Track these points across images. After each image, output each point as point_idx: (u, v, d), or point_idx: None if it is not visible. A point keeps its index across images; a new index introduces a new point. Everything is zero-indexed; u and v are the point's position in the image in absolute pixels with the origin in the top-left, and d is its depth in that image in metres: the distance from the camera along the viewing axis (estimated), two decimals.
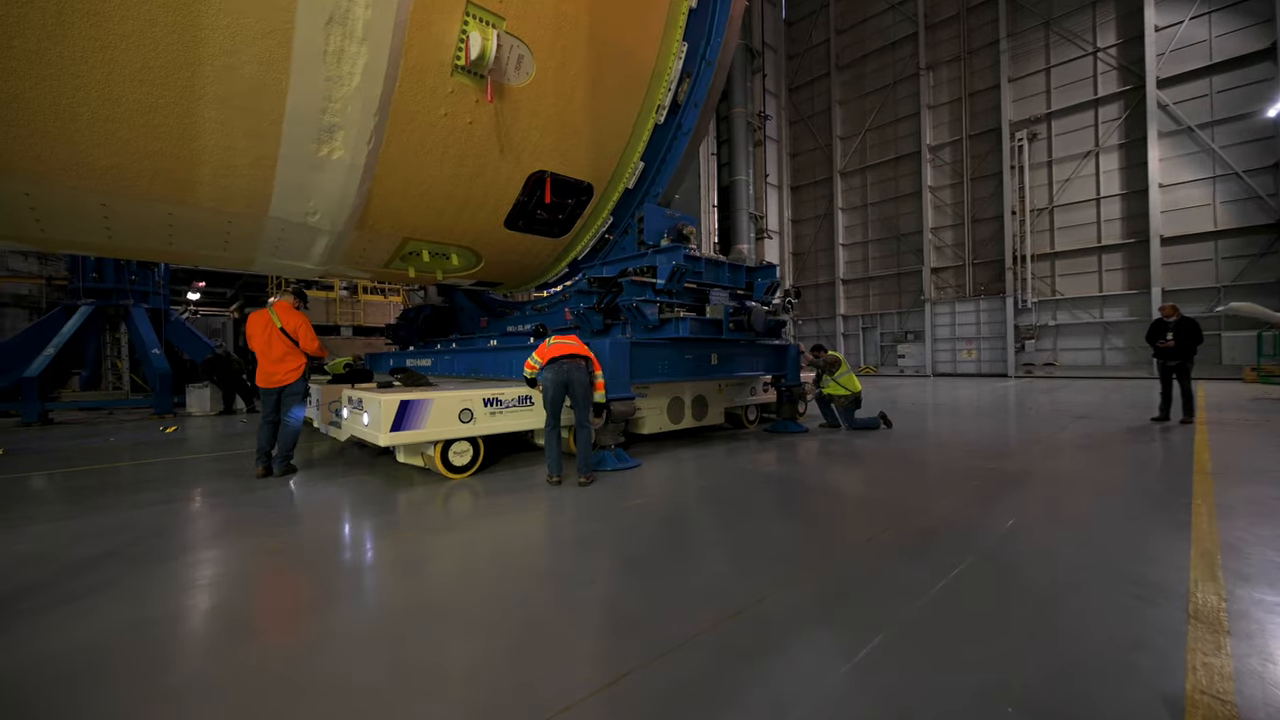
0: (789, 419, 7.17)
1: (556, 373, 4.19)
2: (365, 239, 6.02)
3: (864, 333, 26.46)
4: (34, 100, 3.66)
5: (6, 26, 3.35)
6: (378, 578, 2.70)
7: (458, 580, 2.63)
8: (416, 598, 2.44)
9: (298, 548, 3.10)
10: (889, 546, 2.90)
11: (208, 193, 4.72)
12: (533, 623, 2.17)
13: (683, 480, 4.50)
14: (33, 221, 4.56)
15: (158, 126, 4.12)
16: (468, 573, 2.71)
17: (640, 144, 6.46)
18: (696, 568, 2.67)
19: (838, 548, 2.88)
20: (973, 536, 3.02)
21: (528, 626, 2.14)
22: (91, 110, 3.85)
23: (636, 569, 2.67)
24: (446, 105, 4.99)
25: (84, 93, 3.75)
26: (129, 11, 3.56)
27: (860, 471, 4.78)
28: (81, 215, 4.60)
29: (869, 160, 25.86)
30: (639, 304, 5.32)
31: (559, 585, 2.51)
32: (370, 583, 2.64)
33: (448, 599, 2.42)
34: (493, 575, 2.66)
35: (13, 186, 4.15)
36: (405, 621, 2.21)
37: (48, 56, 3.53)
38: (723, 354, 6.24)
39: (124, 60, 3.73)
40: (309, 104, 4.41)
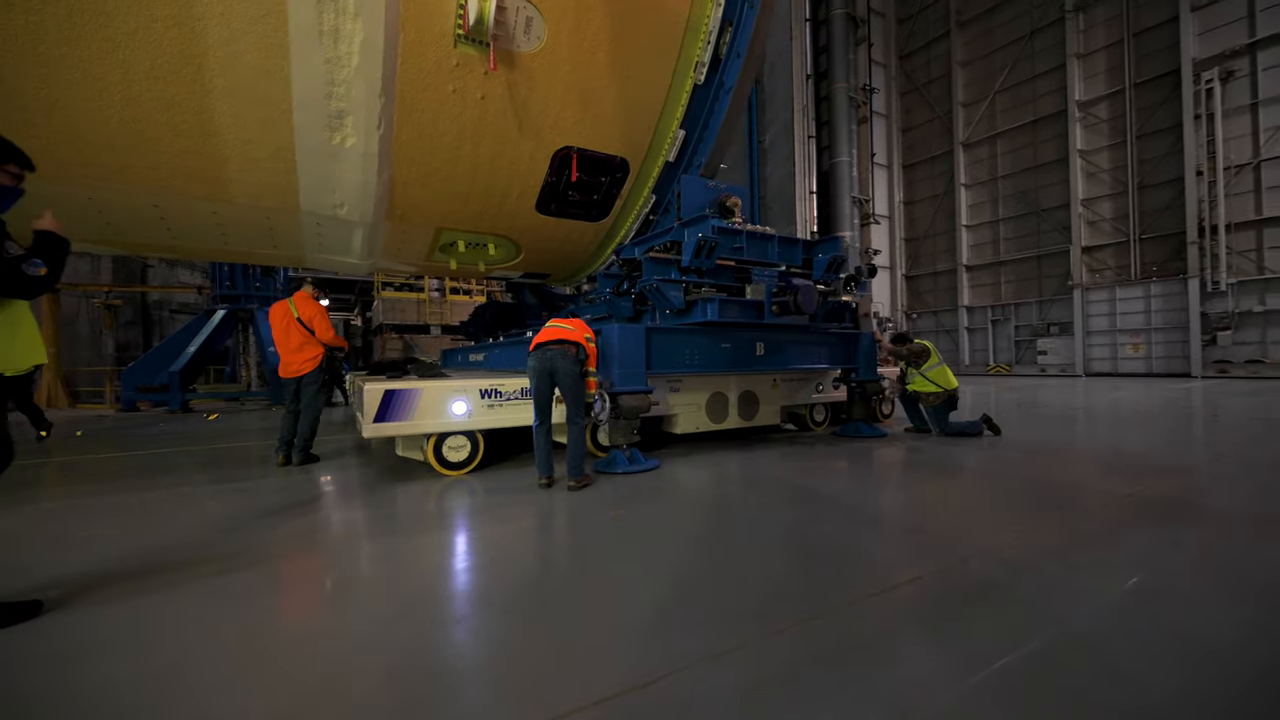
0: (862, 420, 6.04)
1: (540, 361, 3.70)
2: (399, 231, 6.01)
3: (994, 326, 22.99)
4: (68, 106, 3.93)
5: (29, 32, 3.58)
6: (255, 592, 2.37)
7: (315, 607, 2.22)
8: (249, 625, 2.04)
9: (233, 540, 2.90)
10: (910, 603, 2.00)
11: (239, 189, 4.88)
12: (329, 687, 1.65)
13: (698, 489, 3.78)
14: (104, 224, 5.03)
15: (179, 124, 4.28)
16: (351, 589, 2.29)
17: (679, 109, 5.77)
18: (628, 609, 2.00)
19: (835, 598, 2.04)
20: (1055, 598, 2.01)
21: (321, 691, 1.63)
22: (119, 112, 4.07)
23: (546, 607, 2.06)
24: (454, 81, 4.73)
25: (107, 95, 3.96)
26: (130, 8, 3.67)
27: (933, 490, 3.72)
28: (140, 217, 4.98)
29: (999, 126, 22.40)
30: (659, 285, 4.65)
31: (435, 625, 1.98)
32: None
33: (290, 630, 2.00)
34: (376, 595, 2.21)
35: (77, 193, 4.56)
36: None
37: (69, 60, 3.74)
38: (770, 343, 5.35)
39: (135, 59, 3.87)
40: (314, 89, 4.35)
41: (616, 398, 4.25)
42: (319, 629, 1.93)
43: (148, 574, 2.43)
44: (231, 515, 3.36)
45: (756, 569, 2.33)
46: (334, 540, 2.88)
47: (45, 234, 2.09)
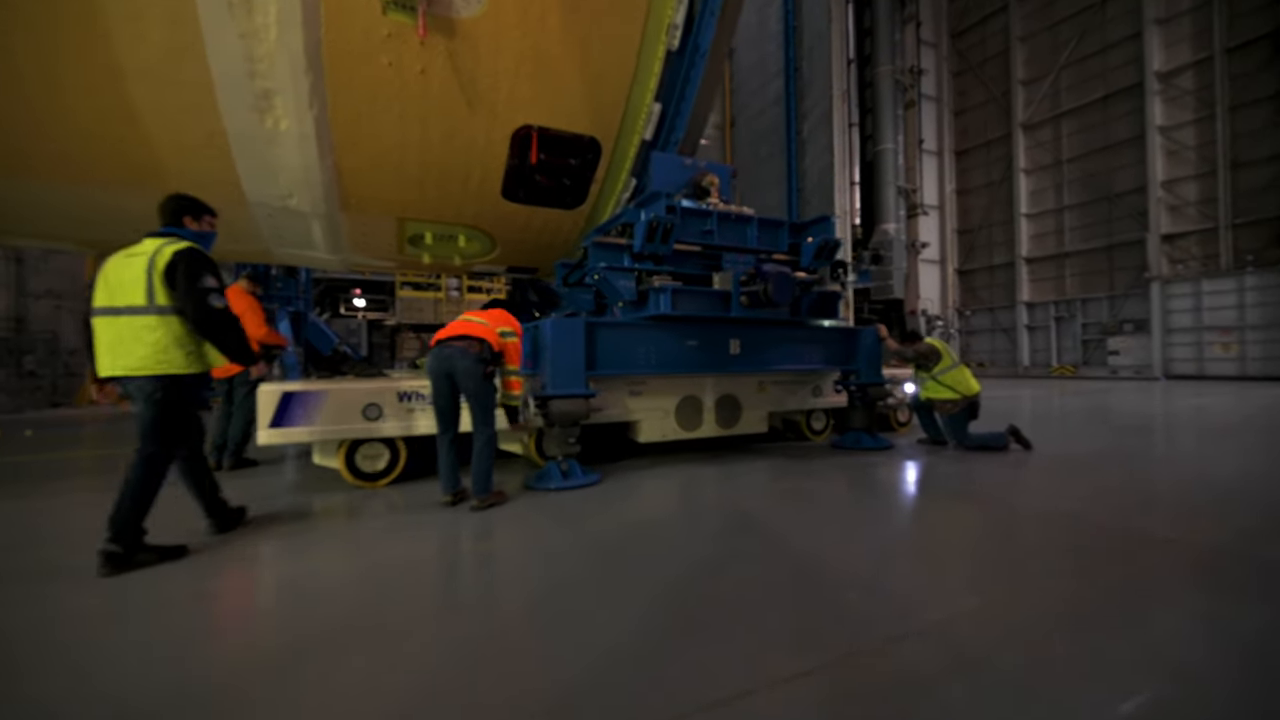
0: (864, 430, 5.24)
1: (436, 360, 3.20)
2: (360, 222, 5.70)
3: (1057, 324, 20.95)
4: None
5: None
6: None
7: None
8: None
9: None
10: (788, 704, 1.35)
11: (179, 180, 4.65)
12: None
13: (622, 515, 3.20)
14: (59, 220, 4.93)
15: (105, 109, 4.07)
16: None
17: (651, 79, 5.17)
18: (377, 676, 1.46)
19: (651, 699, 1.42)
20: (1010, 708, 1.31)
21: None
22: (40, 97, 3.89)
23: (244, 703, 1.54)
24: (388, 52, 4.33)
25: (20, 77, 3.77)
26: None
27: (917, 525, 2.99)
28: (94, 212, 4.85)
29: (1064, 105, 20.37)
30: (606, 273, 4.08)
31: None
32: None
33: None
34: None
35: (25, 186, 4.44)
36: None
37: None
38: (749, 340, 4.66)
39: (44, 40, 3.66)
40: (232, 67, 4.05)
41: (548, 402, 3.71)
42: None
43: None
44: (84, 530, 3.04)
45: (582, 649, 1.72)
46: (246, 558, 2.48)
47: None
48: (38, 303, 13.74)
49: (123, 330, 2.41)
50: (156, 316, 2.43)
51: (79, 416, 10.88)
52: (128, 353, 2.41)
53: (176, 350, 2.46)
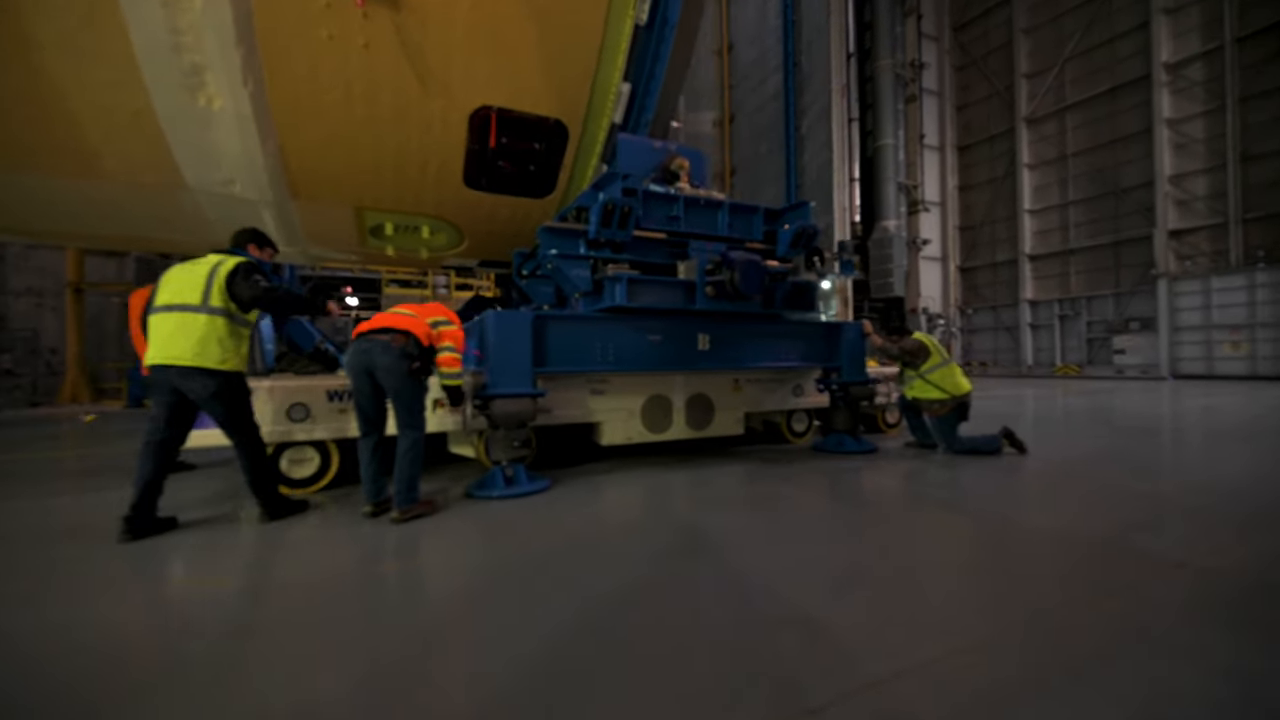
0: (846, 432, 4.89)
1: (354, 356, 2.88)
2: (314, 212, 5.39)
3: (1062, 322, 20.52)
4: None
5: None
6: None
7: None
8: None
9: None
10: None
11: (112, 163, 4.37)
12: None
13: (558, 526, 2.89)
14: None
15: (19, 87, 3.78)
16: None
17: (619, 57, 4.83)
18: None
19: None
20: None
21: None
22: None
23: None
24: (326, 24, 4.01)
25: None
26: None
27: (891, 543, 2.64)
28: (23, 198, 4.56)
29: (1069, 99, 19.92)
30: (557, 261, 3.75)
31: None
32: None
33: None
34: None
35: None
36: None
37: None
38: (719, 335, 4.32)
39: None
40: (156, 39, 3.75)
41: (490, 402, 3.39)
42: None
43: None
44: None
45: (445, 704, 1.40)
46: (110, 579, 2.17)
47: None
48: (18, 300, 13.53)
49: (174, 325, 2.71)
50: (207, 316, 2.73)
51: (58, 415, 10.63)
52: (175, 345, 2.69)
53: (212, 347, 2.72)
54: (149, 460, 2.68)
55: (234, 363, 2.81)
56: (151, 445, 2.70)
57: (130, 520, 2.57)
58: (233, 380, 2.81)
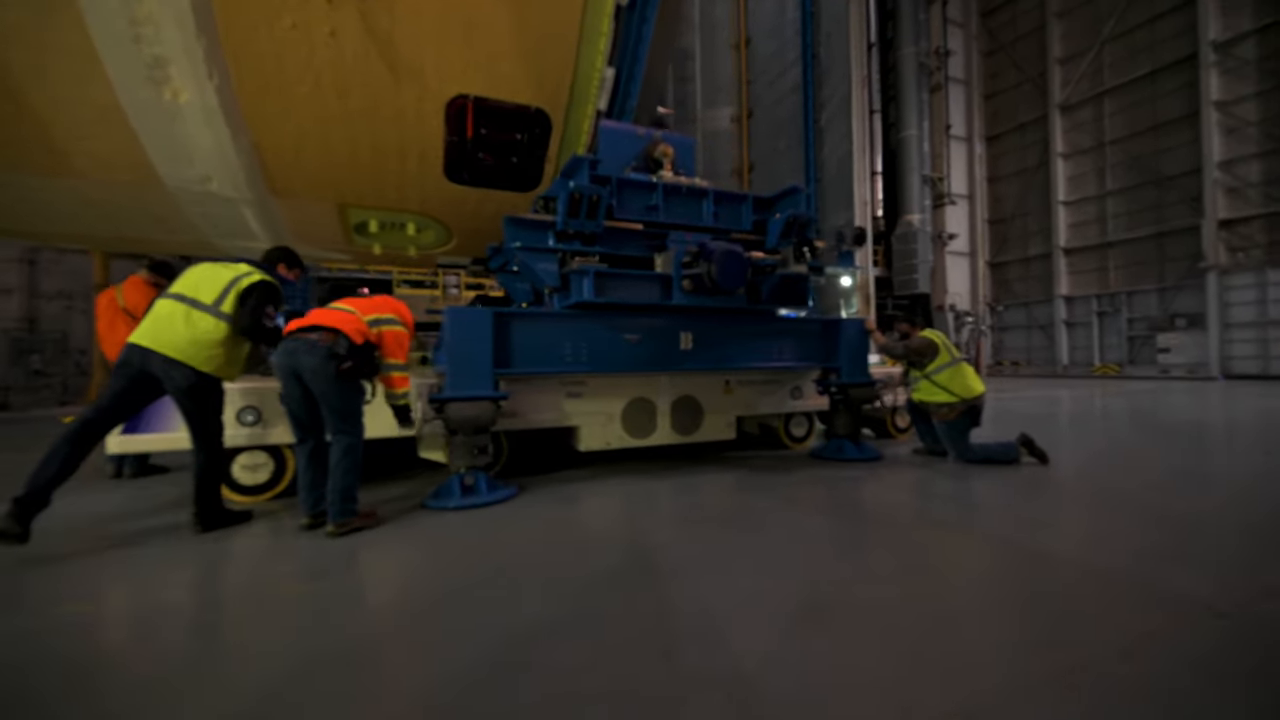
0: (847, 438, 4.52)
1: (281, 357, 2.69)
2: (296, 209, 5.28)
3: (1100, 319, 19.44)
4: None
5: None
6: None
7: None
8: None
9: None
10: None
11: (81, 161, 4.30)
12: None
13: (514, 542, 2.66)
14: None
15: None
16: None
17: (601, 39, 4.57)
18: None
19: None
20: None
21: None
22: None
23: None
24: (290, 12, 3.85)
25: None
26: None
27: (880, 572, 2.31)
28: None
29: (1107, 83, 18.87)
30: (522, 254, 3.51)
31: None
32: None
33: None
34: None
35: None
36: None
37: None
38: (703, 332, 4.02)
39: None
40: (114, 29, 3.64)
41: (445, 405, 3.16)
42: None
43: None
44: None
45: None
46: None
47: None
48: (49, 303, 13.99)
49: (179, 316, 2.68)
50: (214, 319, 2.71)
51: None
52: (172, 334, 2.65)
53: (206, 349, 2.69)
54: (67, 442, 2.48)
55: (217, 366, 2.76)
56: (81, 421, 2.54)
57: (18, 514, 2.36)
58: (211, 382, 2.76)
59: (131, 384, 2.62)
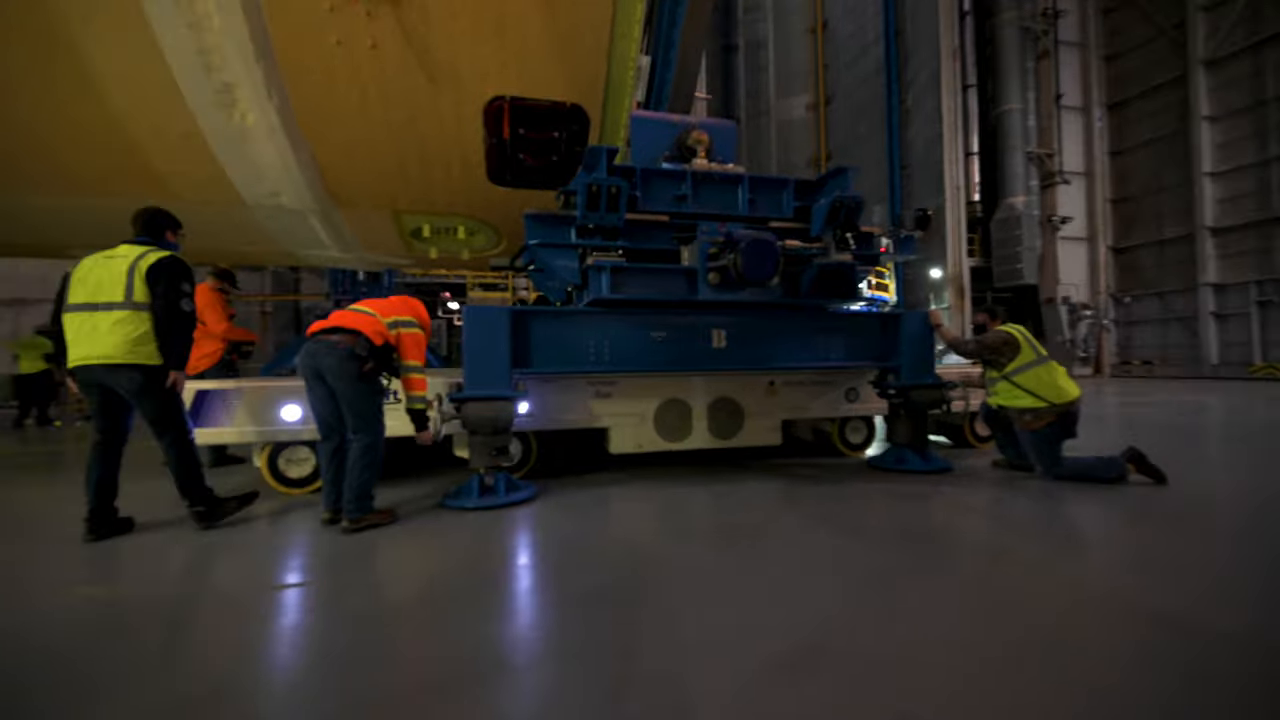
0: (908, 446, 4.02)
1: (304, 358, 2.76)
2: (357, 218, 5.60)
3: (1261, 309, 16.42)
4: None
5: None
6: None
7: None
8: None
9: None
10: None
11: (177, 184, 4.80)
12: None
13: (504, 550, 2.57)
14: (73, 232, 5.29)
15: (84, 118, 4.22)
16: None
17: (634, 28, 4.41)
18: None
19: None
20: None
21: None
22: (33, 117, 4.12)
23: None
24: (334, 29, 4.04)
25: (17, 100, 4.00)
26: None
27: (901, 632, 1.93)
28: (96, 220, 5.19)
29: (1266, 28, 15.85)
30: (539, 251, 3.42)
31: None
32: None
33: None
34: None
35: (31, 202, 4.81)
36: None
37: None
38: (738, 329, 3.73)
39: (16, 61, 3.83)
40: (188, 61, 3.99)
41: (462, 405, 3.15)
42: None
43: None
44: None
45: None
46: None
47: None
48: None
49: (98, 323, 2.61)
50: (132, 311, 2.62)
51: None
52: (100, 342, 2.60)
53: (150, 343, 2.66)
54: (95, 463, 2.68)
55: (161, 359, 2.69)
56: (95, 446, 2.70)
57: (90, 521, 2.64)
58: (161, 372, 2.68)
59: (102, 400, 2.67)
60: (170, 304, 2.63)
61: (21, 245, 6.02)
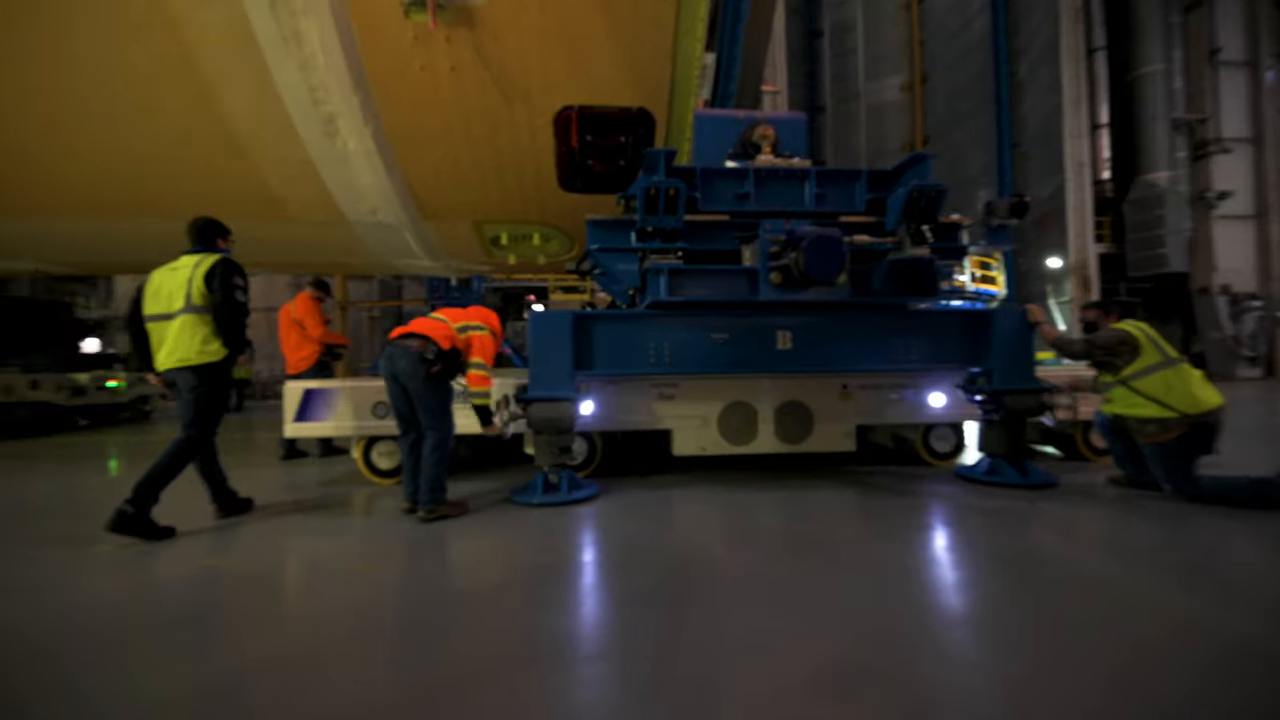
0: (1003, 456, 3.63)
1: (384, 361, 3.00)
2: (443, 229, 6.03)
3: None
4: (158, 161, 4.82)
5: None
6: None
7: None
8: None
9: None
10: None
11: (293, 207, 5.44)
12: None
13: (569, 543, 2.65)
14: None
15: (220, 149, 4.89)
16: None
17: (698, 25, 4.36)
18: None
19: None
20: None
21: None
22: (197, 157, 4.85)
23: None
24: (418, 56, 4.38)
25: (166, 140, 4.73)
26: (123, 55, 4.22)
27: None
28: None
29: None
30: (599, 256, 3.48)
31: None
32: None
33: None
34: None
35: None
36: None
37: (147, 130, 4.57)
38: (805, 330, 3.56)
39: (172, 114, 4.52)
40: (300, 97, 4.50)
41: (527, 406, 3.29)
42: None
43: None
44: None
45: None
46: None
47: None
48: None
49: (171, 330, 2.89)
50: (194, 315, 2.88)
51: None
52: (176, 347, 2.87)
53: (215, 341, 2.90)
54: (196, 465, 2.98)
55: (214, 350, 2.89)
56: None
57: (218, 503, 3.05)
58: (210, 372, 2.88)
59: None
60: (227, 297, 2.88)
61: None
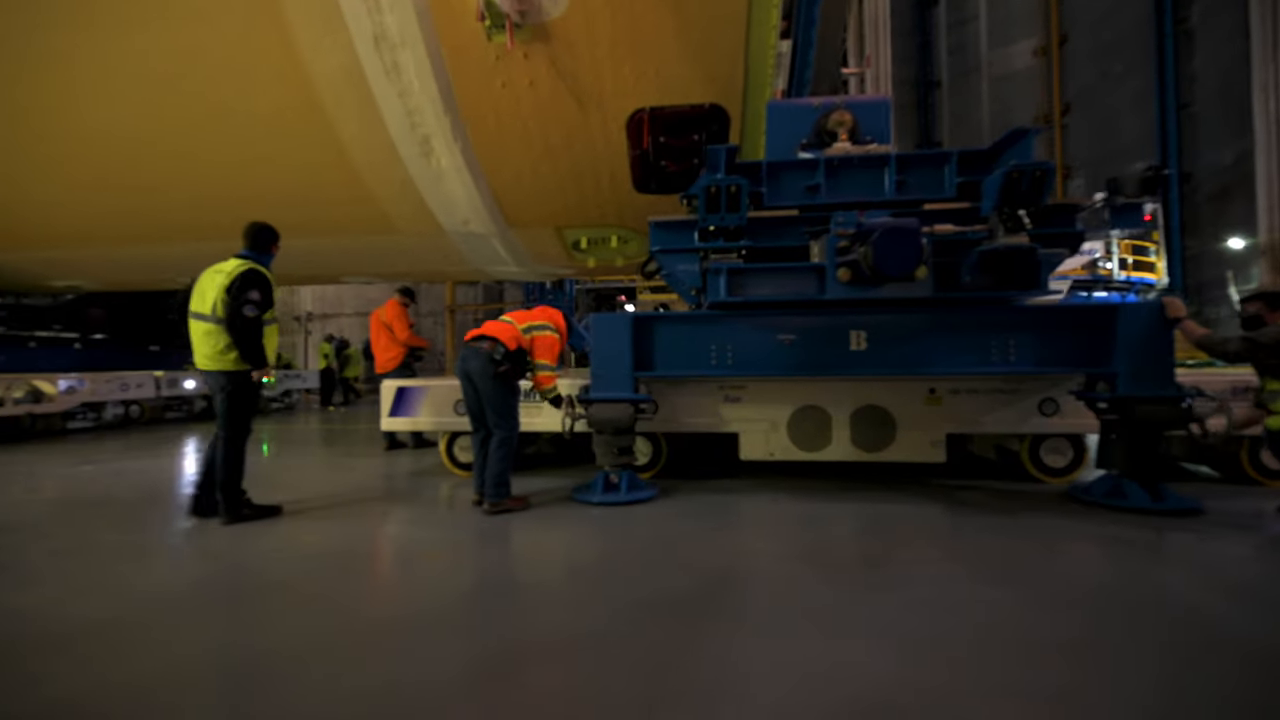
0: (1129, 475, 3.09)
1: (460, 361, 3.21)
2: (528, 236, 6.35)
3: None
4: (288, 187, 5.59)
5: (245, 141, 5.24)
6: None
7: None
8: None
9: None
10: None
11: (399, 222, 6.04)
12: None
13: (620, 546, 2.68)
14: (346, 266, 6.98)
15: (338, 171, 5.54)
16: None
17: (772, 12, 4.19)
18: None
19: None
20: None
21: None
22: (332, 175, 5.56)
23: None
24: (500, 74, 4.65)
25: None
26: (253, 105, 4.90)
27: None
28: (364, 256, 6.75)
29: None
30: (660, 257, 3.45)
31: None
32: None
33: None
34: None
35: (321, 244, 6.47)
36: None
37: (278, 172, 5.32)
38: (881, 329, 3.28)
39: (294, 147, 5.19)
40: (401, 122, 4.98)
41: (588, 407, 3.37)
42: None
43: None
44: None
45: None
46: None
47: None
48: (424, 319, 19.87)
49: (198, 330, 3.02)
50: (215, 325, 2.97)
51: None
52: (202, 350, 3.01)
53: (232, 352, 2.96)
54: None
55: (239, 360, 2.98)
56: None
57: (196, 501, 3.13)
58: (241, 377, 2.99)
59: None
60: (233, 313, 2.90)
61: (296, 276, 8.22)
